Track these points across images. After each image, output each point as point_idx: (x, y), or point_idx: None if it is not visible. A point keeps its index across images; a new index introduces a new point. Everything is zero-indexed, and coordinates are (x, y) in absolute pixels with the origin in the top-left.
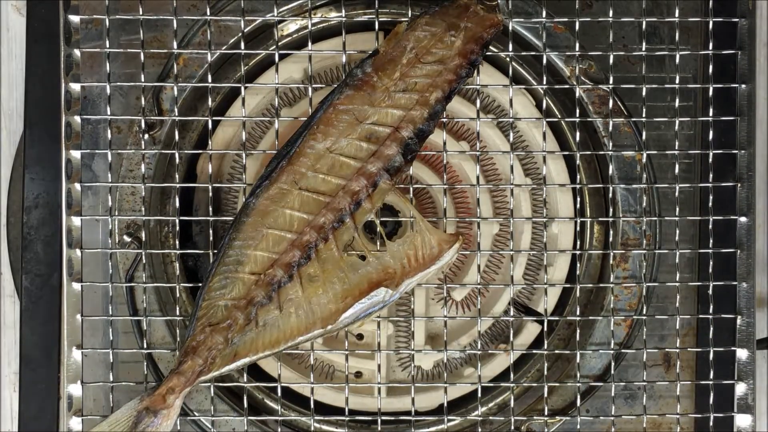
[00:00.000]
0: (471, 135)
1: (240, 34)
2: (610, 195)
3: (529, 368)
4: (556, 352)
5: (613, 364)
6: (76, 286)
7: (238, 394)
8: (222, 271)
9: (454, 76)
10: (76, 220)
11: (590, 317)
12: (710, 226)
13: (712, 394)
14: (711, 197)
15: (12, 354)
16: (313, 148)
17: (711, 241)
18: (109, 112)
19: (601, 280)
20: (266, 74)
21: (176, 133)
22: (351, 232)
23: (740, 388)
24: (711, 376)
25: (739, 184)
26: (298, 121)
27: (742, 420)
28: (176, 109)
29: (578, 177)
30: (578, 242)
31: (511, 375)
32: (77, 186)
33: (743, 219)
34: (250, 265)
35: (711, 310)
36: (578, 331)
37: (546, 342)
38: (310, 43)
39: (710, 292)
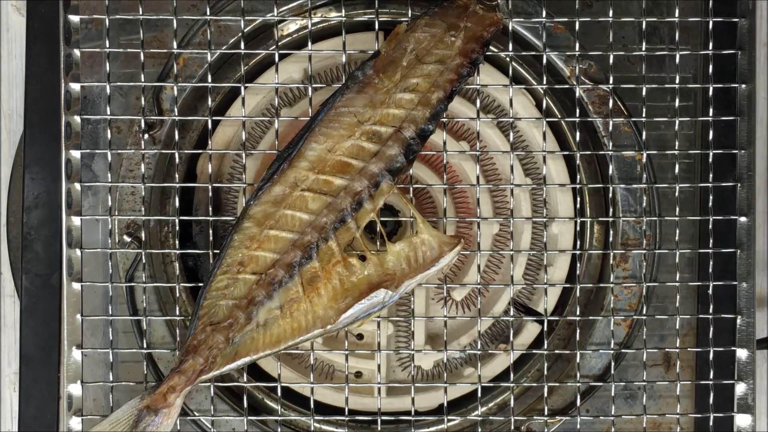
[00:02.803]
0: (471, 135)
1: (240, 34)
2: (610, 195)
3: (529, 368)
4: (556, 352)
5: (613, 364)
6: (76, 286)
7: (238, 394)
8: (223, 271)
9: (455, 75)
10: (76, 220)
11: (590, 317)
12: (710, 226)
13: (712, 394)
14: (711, 197)
15: (12, 354)
16: (314, 150)
17: (711, 241)
18: (108, 112)
19: (601, 280)
20: (266, 74)
21: (176, 133)
22: (352, 233)
23: (740, 388)
24: (711, 376)
25: (739, 184)
26: (298, 121)
27: (742, 420)
28: (176, 109)
29: (578, 177)
30: (578, 242)
31: (511, 375)
32: (77, 186)
33: (743, 219)
34: (252, 265)
35: (711, 310)
36: (578, 331)
37: (546, 342)
38: (310, 43)
39: (710, 292)
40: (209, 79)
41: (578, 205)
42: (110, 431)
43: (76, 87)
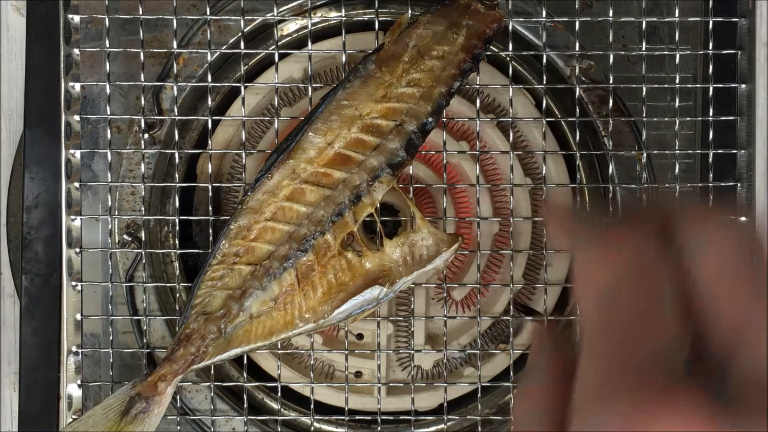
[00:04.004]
0: (472, 135)
1: (240, 34)
2: (610, 195)
3: None
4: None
5: None
6: (76, 286)
7: (239, 394)
8: (219, 261)
9: (457, 70)
10: (76, 220)
11: None
12: None
13: None
14: (711, 198)
15: (12, 354)
16: (313, 142)
17: None
18: (108, 111)
19: None
20: (266, 74)
21: (176, 132)
22: (350, 227)
23: None
24: None
25: (739, 184)
26: (298, 121)
27: None
28: (176, 109)
29: (578, 177)
30: None
31: (511, 374)
32: (77, 185)
33: (743, 219)
34: (247, 256)
35: None
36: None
37: None
38: (309, 43)
39: None
40: (209, 79)
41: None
42: (102, 417)
43: (76, 86)
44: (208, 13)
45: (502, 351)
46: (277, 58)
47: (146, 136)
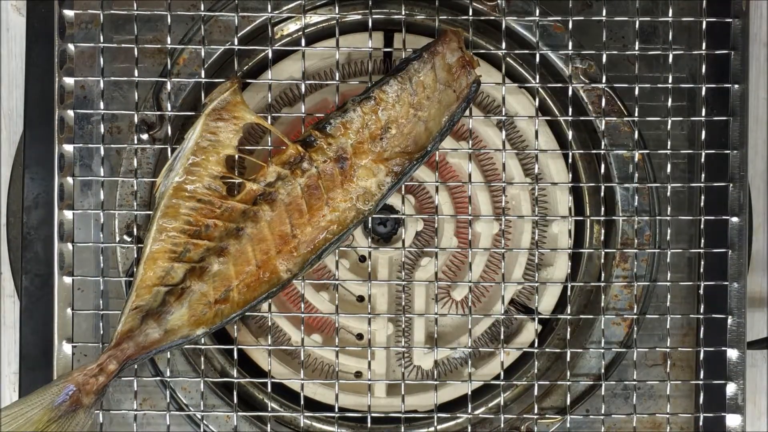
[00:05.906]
0: (472, 136)
1: (240, 34)
2: (606, 194)
3: (529, 368)
4: (547, 350)
5: (604, 363)
6: (68, 280)
7: (238, 393)
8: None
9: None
10: (68, 214)
11: (581, 316)
12: (701, 226)
13: (702, 394)
14: (705, 197)
15: (12, 354)
16: None
17: (702, 241)
18: (102, 106)
19: (601, 280)
20: (265, 74)
21: (169, 129)
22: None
23: (731, 388)
24: (701, 375)
25: (731, 185)
26: (297, 120)
27: (732, 420)
28: (170, 105)
29: (571, 175)
30: (585, 242)
31: (501, 374)
32: (70, 180)
33: (735, 219)
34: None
35: (702, 310)
36: (568, 329)
37: (545, 341)
38: (303, 41)
39: (701, 291)
40: (202, 74)
41: (580, 205)
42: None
43: (69, 81)
44: (202, 9)
45: (493, 350)
46: (270, 55)
47: (146, 136)
